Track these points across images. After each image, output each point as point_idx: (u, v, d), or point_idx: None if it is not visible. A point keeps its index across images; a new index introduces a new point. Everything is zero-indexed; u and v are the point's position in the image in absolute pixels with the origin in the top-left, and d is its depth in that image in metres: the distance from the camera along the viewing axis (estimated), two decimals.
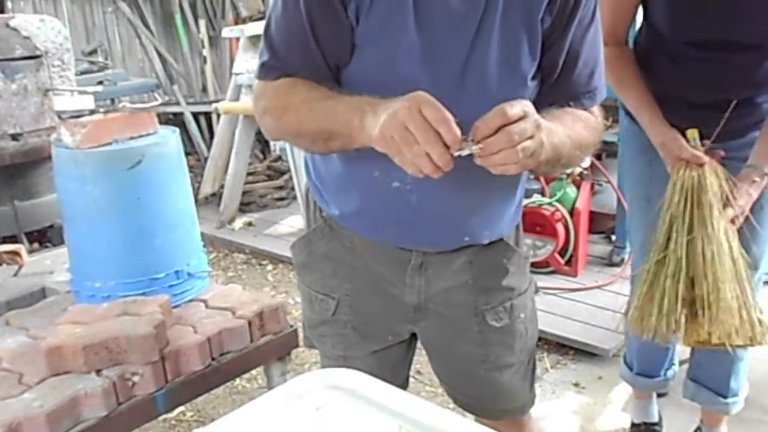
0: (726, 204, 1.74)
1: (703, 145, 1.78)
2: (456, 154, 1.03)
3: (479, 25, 1.17)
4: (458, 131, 1.02)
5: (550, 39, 1.22)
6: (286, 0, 1.20)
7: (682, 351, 2.32)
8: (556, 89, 1.27)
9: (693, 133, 1.78)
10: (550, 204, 3.48)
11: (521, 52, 1.20)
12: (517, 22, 1.19)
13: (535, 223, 3.45)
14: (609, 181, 3.66)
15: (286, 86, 1.25)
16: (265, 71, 1.27)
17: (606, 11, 1.37)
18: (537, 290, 1.58)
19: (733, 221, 1.75)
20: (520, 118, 1.04)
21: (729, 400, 2.14)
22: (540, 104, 1.25)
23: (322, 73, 1.23)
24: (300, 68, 1.23)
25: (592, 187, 3.77)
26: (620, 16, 1.83)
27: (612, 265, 3.65)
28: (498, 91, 1.19)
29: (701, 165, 1.75)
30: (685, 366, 2.27)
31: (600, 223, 3.89)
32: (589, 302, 3.28)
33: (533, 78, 1.24)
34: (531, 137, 1.05)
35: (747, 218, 1.79)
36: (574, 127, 1.22)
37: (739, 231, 1.78)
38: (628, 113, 1.99)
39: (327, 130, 1.18)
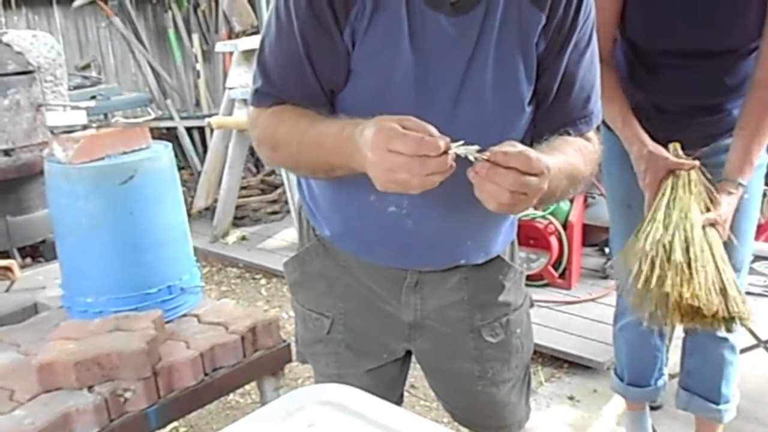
0: (707, 207, 1.78)
1: (686, 155, 1.81)
2: (453, 152, 1.00)
3: (474, 49, 1.16)
4: (438, 139, 0.98)
5: (544, 63, 1.20)
6: (280, 24, 1.18)
7: (672, 364, 2.33)
8: (552, 113, 1.24)
9: (675, 146, 1.81)
10: (543, 217, 3.48)
11: (517, 77, 1.19)
12: (513, 47, 1.17)
13: (528, 236, 3.46)
14: (602, 194, 3.67)
15: (275, 117, 1.21)
16: (259, 98, 1.24)
17: None
18: (532, 304, 1.57)
19: (713, 225, 1.76)
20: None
21: (721, 406, 2.13)
22: (536, 128, 1.25)
23: (317, 98, 1.20)
24: (295, 94, 1.20)
25: (585, 199, 3.78)
26: (604, 34, 1.83)
27: (606, 277, 3.65)
28: (493, 116, 1.19)
29: (688, 171, 1.77)
30: (677, 379, 2.27)
31: (593, 236, 3.90)
32: (584, 315, 3.28)
33: (530, 102, 1.22)
34: (537, 175, 1.02)
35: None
36: (574, 163, 1.19)
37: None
38: (605, 123, 2.02)
39: (324, 163, 1.16)
